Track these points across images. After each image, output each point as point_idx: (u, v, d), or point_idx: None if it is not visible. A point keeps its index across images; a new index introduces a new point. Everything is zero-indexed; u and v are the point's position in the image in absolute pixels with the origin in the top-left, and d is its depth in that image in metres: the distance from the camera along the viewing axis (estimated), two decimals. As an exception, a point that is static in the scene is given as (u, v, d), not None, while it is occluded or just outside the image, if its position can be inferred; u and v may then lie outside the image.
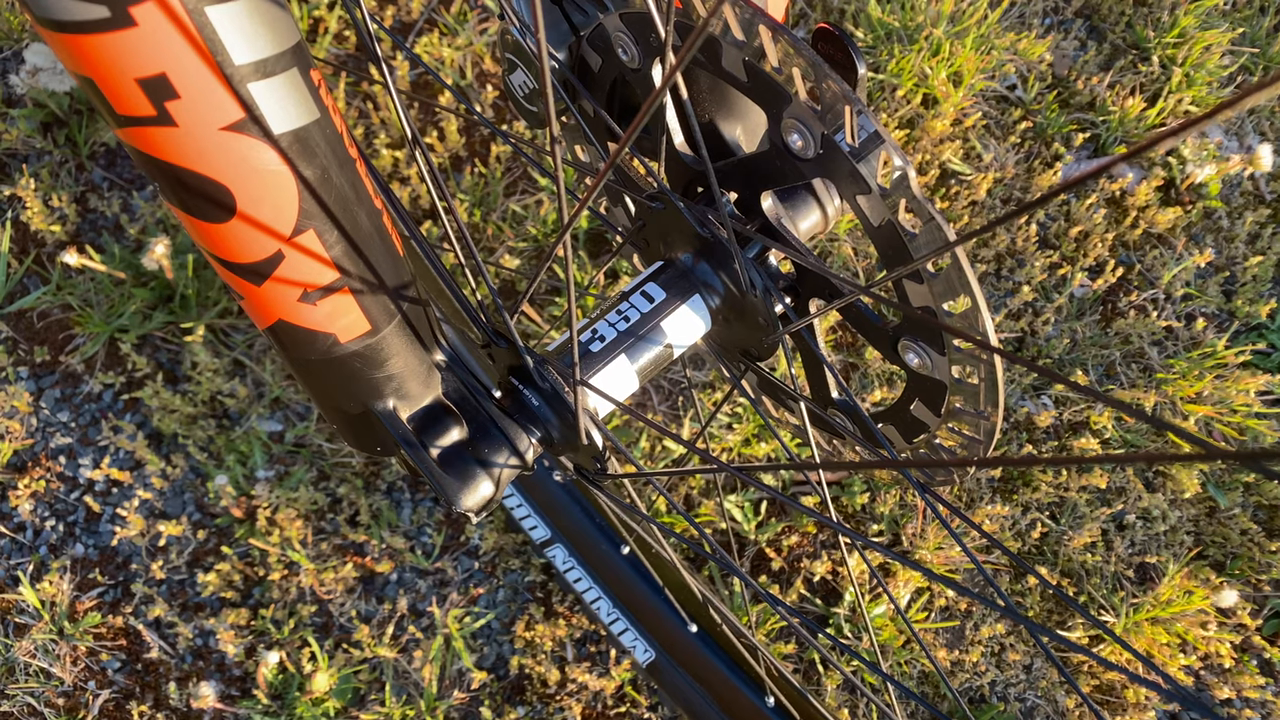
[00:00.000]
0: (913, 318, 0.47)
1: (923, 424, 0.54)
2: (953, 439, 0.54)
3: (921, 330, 0.48)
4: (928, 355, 0.49)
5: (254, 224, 0.38)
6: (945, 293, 0.46)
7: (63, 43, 0.32)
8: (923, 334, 0.48)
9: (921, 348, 0.49)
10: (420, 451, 0.48)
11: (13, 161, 1.13)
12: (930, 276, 0.46)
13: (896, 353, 0.50)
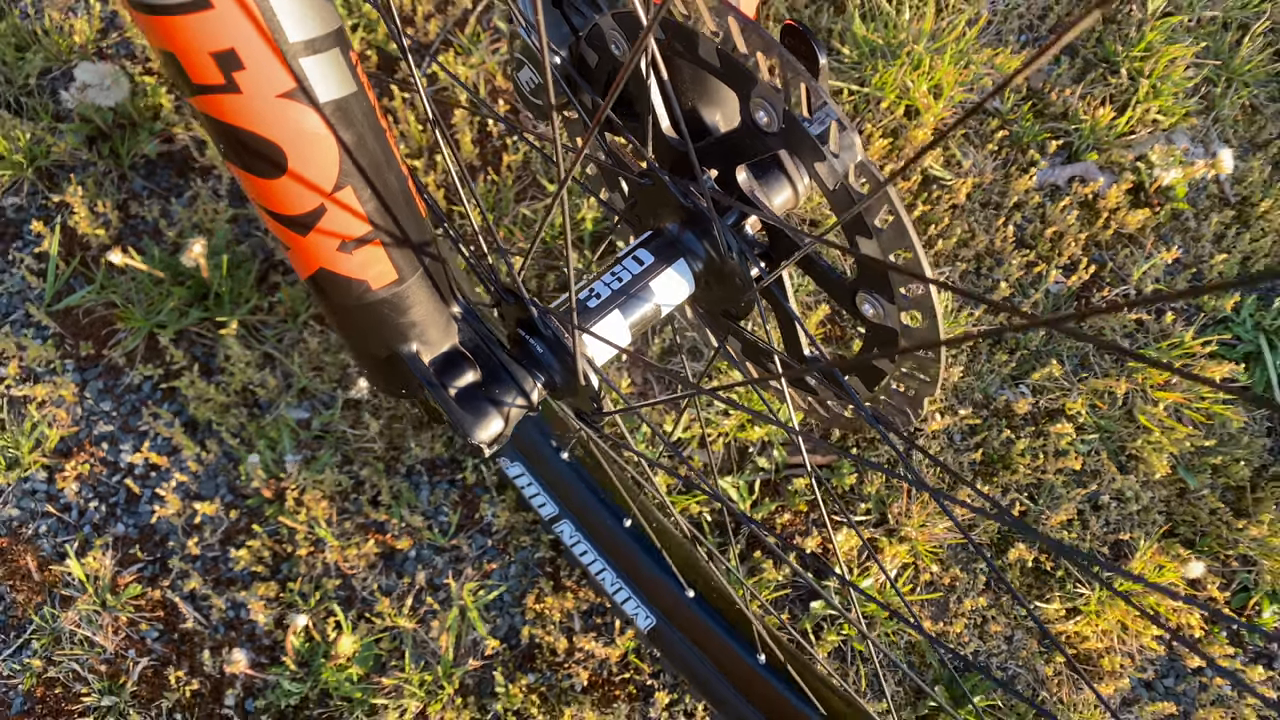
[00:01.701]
0: (859, 258, 0.53)
1: (880, 371, 0.60)
2: (904, 383, 0.60)
3: (875, 282, 0.54)
4: (881, 305, 0.55)
5: (301, 180, 0.45)
6: (891, 244, 0.52)
7: (152, 23, 0.39)
8: (876, 286, 0.55)
9: (875, 299, 0.55)
10: (440, 391, 0.54)
11: (60, 172, 1.21)
12: (877, 231, 0.52)
13: (855, 306, 0.57)
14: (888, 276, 0.53)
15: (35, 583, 1.08)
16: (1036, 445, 1.19)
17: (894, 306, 0.54)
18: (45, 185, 1.21)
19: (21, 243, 1.18)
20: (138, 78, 1.22)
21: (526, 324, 0.56)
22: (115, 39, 1.26)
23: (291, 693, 1.05)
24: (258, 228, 1.21)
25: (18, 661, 1.05)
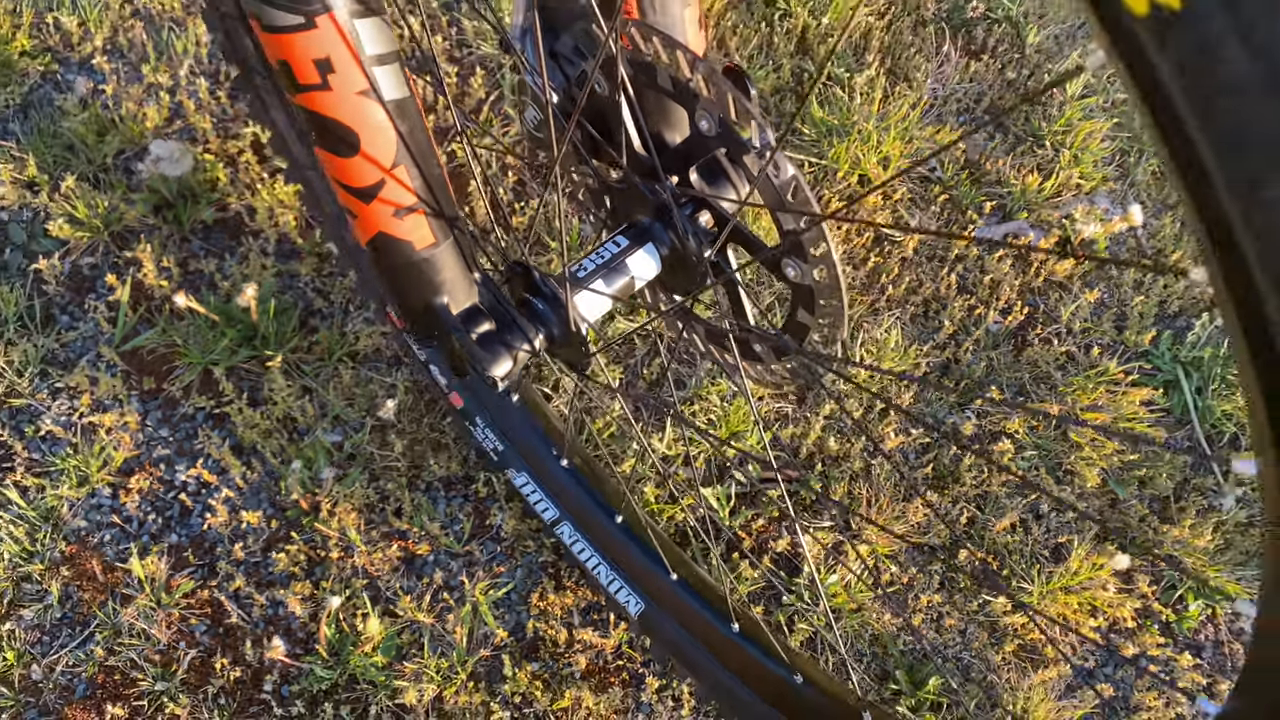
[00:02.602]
0: (771, 206, 0.69)
1: (805, 326, 0.76)
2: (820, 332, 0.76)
3: (794, 250, 0.71)
4: (799, 266, 0.71)
5: (369, 159, 0.61)
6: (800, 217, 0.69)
7: (274, 40, 0.57)
8: (795, 253, 0.71)
9: (795, 261, 0.71)
10: (464, 334, 0.70)
11: (130, 235, 1.39)
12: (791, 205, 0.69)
13: (781, 271, 0.73)
14: (803, 245, 0.69)
15: (99, 584, 1.22)
16: (981, 461, 1.34)
17: (809, 266, 0.71)
18: (117, 246, 1.39)
19: (95, 294, 1.36)
20: (199, 156, 1.42)
21: (531, 288, 0.73)
22: (179, 125, 1.46)
23: (323, 678, 1.18)
24: (299, 281, 1.38)
25: (83, 651, 1.18)
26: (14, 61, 1.47)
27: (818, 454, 1.34)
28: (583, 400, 1.35)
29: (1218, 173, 0.30)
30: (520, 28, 0.79)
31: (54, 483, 1.25)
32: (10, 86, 1.45)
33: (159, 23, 1.53)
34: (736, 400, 1.33)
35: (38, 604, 1.20)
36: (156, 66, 1.47)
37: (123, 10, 1.53)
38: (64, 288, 1.36)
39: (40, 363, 1.31)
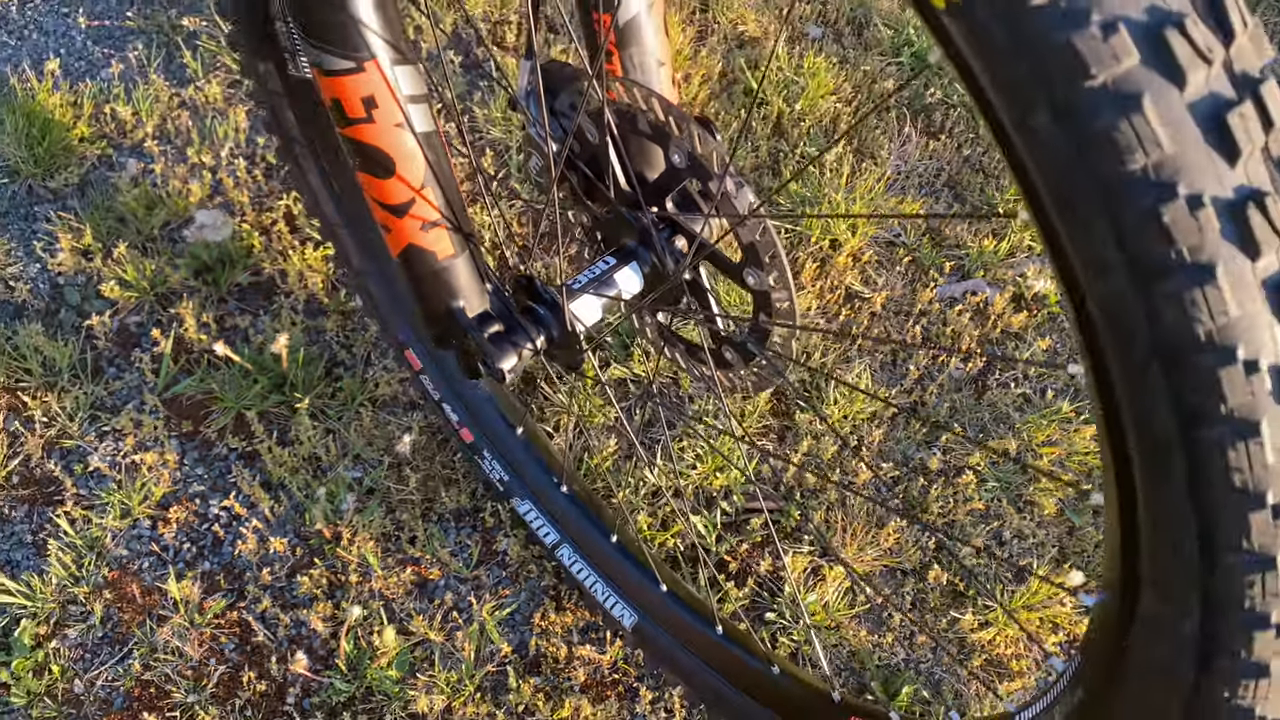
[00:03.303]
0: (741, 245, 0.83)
1: (766, 330, 0.89)
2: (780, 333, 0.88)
3: (753, 260, 0.84)
4: (758, 274, 0.84)
5: (402, 180, 0.75)
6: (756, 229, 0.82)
7: (330, 82, 0.71)
8: (754, 263, 0.84)
9: (754, 271, 0.84)
10: (478, 333, 0.83)
11: (173, 296, 1.54)
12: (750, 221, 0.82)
13: (744, 279, 0.86)
14: (759, 255, 0.83)
15: (138, 606, 1.32)
16: (948, 493, 1.45)
17: (764, 274, 0.84)
18: (161, 306, 1.53)
19: (140, 348, 1.49)
20: (237, 226, 1.57)
21: (534, 297, 0.86)
22: (220, 200, 1.61)
23: (342, 691, 1.27)
24: (325, 335, 1.52)
25: (121, 667, 1.27)
26: (74, 146, 1.63)
27: (797, 486, 1.45)
28: (581, 439, 1.47)
29: (1006, 117, 0.43)
30: (525, 90, 0.94)
31: (99, 515, 1.36)
32: (70, 167, 1.62)
33: (203, 112, 1.70)
34: (722, 436, 1.45)
35: (81, 624, 1.29)
36: (200, 149, 1.63)
37: (171, 101, 1.71)
38: (112, 343, 1.50)
39: (89, 408, 1.44)
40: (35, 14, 1.81)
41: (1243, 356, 0.42)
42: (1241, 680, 0.51)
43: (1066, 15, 0.39)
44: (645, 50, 0.85)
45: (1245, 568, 0.47)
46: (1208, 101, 0.39)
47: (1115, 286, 0.43)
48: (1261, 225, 0.40)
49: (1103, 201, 0.41)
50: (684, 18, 1.92)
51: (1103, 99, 0.39)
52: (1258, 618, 0.48)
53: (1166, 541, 0.49)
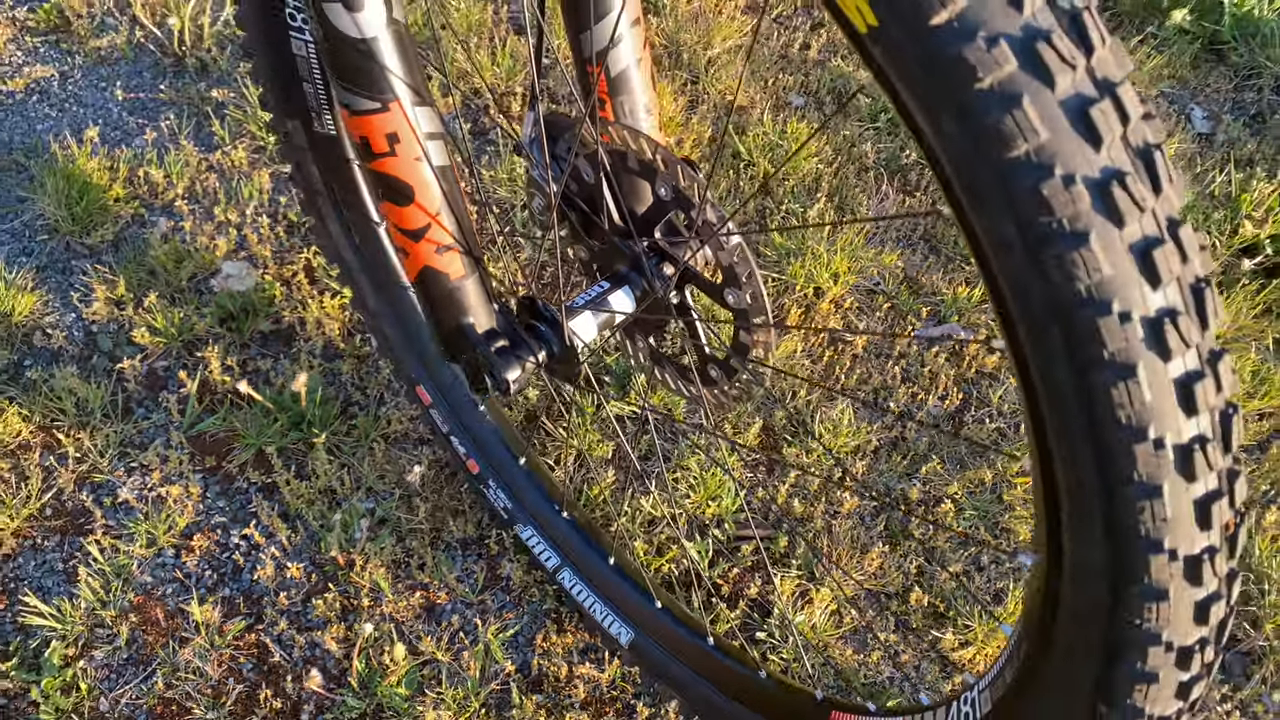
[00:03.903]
0: (721, 266, 0.92)
1: (746, 345, 0.97)
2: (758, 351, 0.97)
3: (731, 281, 0.92)
4: (736, 294, 0.93)
5: (420, 208, 0.84)
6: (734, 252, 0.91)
7: (357, 121, 0.81)
8: (732, 283, 0.93)
9: (733, 290, 0.93)
10: (485, 347, 0.91)
11: (199, 342, 1.63)
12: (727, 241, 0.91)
13: (724, 298, 0.94)
14: (735, 274, 0.91)
15: (162, 628, 1.38)
16: (928, 520, 1.52)
17: (742, 292, 0.92)
18: (187, 351, 1.62)
19: (168, 390, 1.57)
20: (260, 278, 1.67)
21: (536, 316, 0.95)
22: (244, 254, 1.71)
23: (354, 708, 1.32)
24: (341, 377, 1.60)
25: (145, 686, 1.33)
26: (110, 206, 1.74)
27: (785, 515, 1.52)
28: (581, 471, 1.54)
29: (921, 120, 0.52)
30: (529, 138, 1.04)
31: (126, 543, 1.43)
32: (106, 225, 1.72)
33: (230, 175, 1.81)
34: (714, 469, 1.53)
35: (108, 645, 1.35)
36: (226, 208, 1.74)
37: (200, 165, 1.82)
38: (141, 385, 1.58)
39: (119, 445, 1.52)
40: (75, 88, 1.94)
41: (1117, 309, 0.50)
42: (1144, 604, 0.58)
43: (959, 33, 0.48)
44: (634, 98, 0.95)
45: (1137, 496, 0.54)
46: (1074, 99, 0.49)
47: (1015, 258, 0.52)
48: (1124, 198, 0.49)
49: (997, 184, 0.50)
50: (676, 88, 2.05)
51: (990, 99, 0.48)
52: (1152, 543, 0.56)
53: (1075, 481, 0.57)
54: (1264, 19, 2.17)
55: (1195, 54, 2.19)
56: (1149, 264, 0.50)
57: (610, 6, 0.91)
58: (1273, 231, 1.81)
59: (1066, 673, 0.68)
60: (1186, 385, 0.52)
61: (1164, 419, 0.53)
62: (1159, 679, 0.62)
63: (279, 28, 1.13)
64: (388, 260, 1.37)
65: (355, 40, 0.77)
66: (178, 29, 1.95)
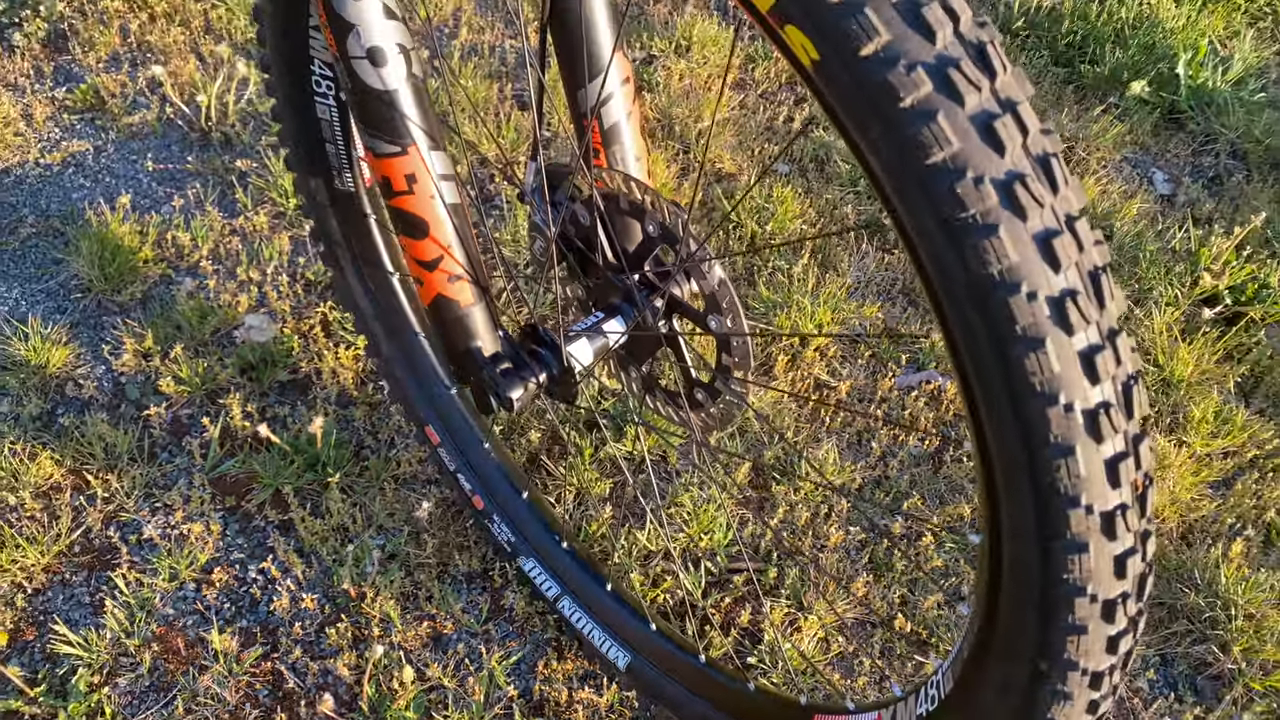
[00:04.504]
0: (704, 292, 1.00)
1: (728, 367, 1.05)
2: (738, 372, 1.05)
3: (714, 308, 1.01)
4: (719, 320, 1.02)
5: (434, 240, 0.93)
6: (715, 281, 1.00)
7: (380, 163, 0.90)
8: (715, 310, 1.01)
9: (716, 317, 1.02)
10: (491, 369, 0.99)
11: (221, 391, 1.71)
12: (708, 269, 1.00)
13: (707, 324, 1.03)
14: (717, 301, 1.00)
15: (182, 657, 1.44)
16: (910, 554, 1.59)
17: (723, 318, 1.01)
18: (210, 400, 1.70)
19: (190, 435, 1.66)
20: (278, 331, 1.76)
21: (537, 341, 1.03)
22: (264, 310, 1.81)
23: (364, 731, 1.38)
24: (354, 423, 1.69)
25: (166, 711, 1.38)
26: (139, 267, 1.85)
27: (774, 548, 1.59)
28: (581, 509, 1.61)
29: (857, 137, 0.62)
30: (531, 186, 1.14)
31: (150, 577, 1.49)
32: (135, 284, 1.82)
33: (252, 238, 1.92)
34: (706, 505, 1.60)
35: (131, 673, 1.41)
36: (248, 268, 1.85)
37: (224, 230, 1.93)
38: (166, 431, 1.66)
39: (145, 487, 1.59)
40: (108, 161, 2.06)
41: (1025, 290, 0.59)
42: (1068, 558, 0.66)
43: (884, 61, 0.58)
44: (626, 148, 1.06)
45: (1054, 456, 0.62)
46: (981, 115, 0.58)
47: (939, 249, 0.61)
48: (1025, 196, 0.58)
49: (920, 186, 0.59)
50: (669, 157, 2.17)
51: (911, 115, 0.58)
52: (1070, 500, 0.64)
53: (1003, 447, 0.65)
54: (1218, 90, 2.30)
55: (1155, 122, 2.31)
56: (1050, 251, 0.59)
57: (602, 67, 1.01)
58: (1230, 283, 1.91)
59: (1011, 636, 0.75)
60: (1089, 357, 0.61)
61: (1072, 386, 0.61)
62: (1088, 631, 0.69)
63: (306, 94, 1.25)
64: (400, 308, 1.47)
65: (379, 91, 0.87)
66: (205, 105, 2.08)
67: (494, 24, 2.42)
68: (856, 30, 0.58)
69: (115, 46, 2.25)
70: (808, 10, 0.59)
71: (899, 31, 0.58)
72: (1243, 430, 1.74)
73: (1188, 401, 1.78)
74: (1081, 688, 0.73)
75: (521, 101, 2.25)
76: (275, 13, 1.16)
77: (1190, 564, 1.59)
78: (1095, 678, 0.73)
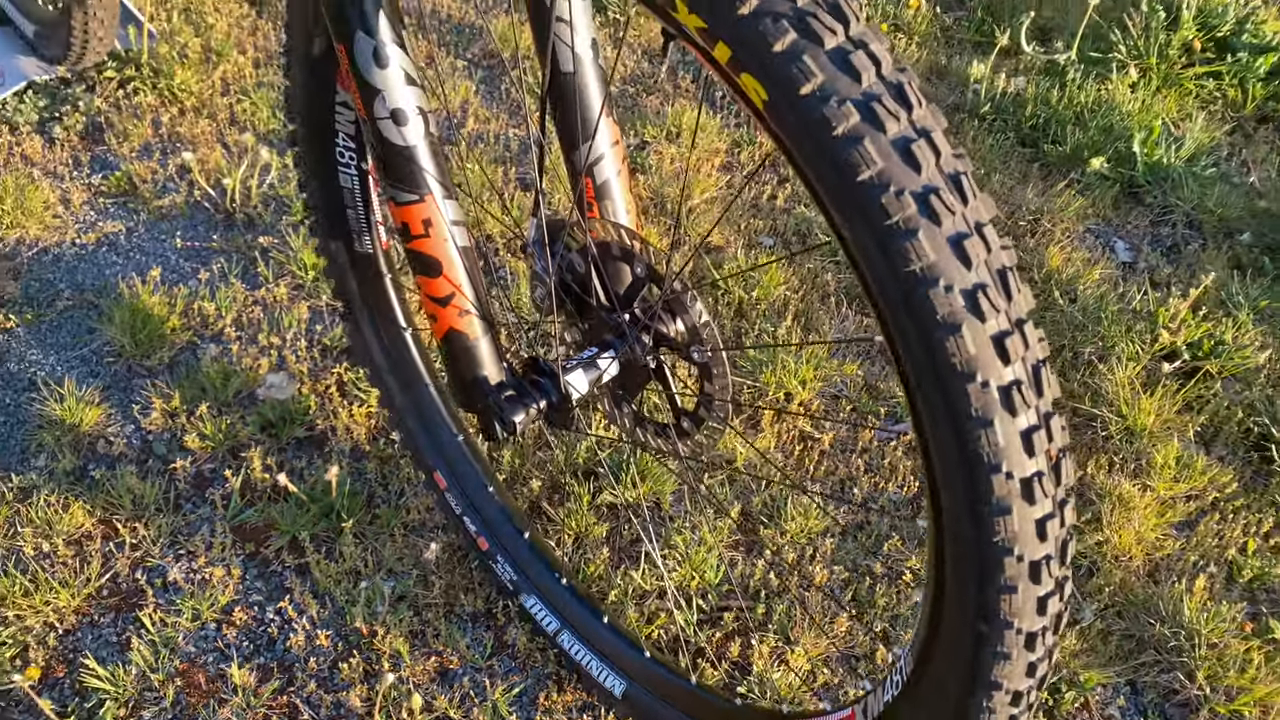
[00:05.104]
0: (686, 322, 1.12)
1: (710, 395, 1.16)
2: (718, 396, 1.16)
3: (697, 341, 1.12)
4: (701, 352, 1.13)
5: (448, 279, 1.05)
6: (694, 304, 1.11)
7: (400, 210, 1.02)
8: (698, 342, 1.12)
9: (699, 349, 1.13)
10: (496, 396, 1.10)
11: (243, 446, 1.81)
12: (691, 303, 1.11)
13: (693, 358, 1.14)
14: (700, 334, 1.11)
15: (204, 691, 1.51)
16: (891, 591, 1.66)
17: (704, 347, 1.12)
18: (232, 455, 1.80)
19: (213, 487, 1.75)
20: (296, 390, 1.87)
21: (538, 372, 1.14)
22: (283, 373, 1.92)
23: (374, 759, 1.44)
24: (367, 474, 1.78)
25: (186, 742, 1.45)
26: (167, 334, 1.97)
27: (762, 588, 1.67)
28: (579, 552, 1.70)
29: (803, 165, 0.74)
30: (533, 239, 1.27)
31: (174, 617, 1.57)
32: (164, 350, 1.94)
33: (272, 308, 2.05)
34: (698, 548, 1.68)
35: (155, 707, 1.48)
36: (269, 334, 1.97)
37: (246, 300, 2.06)
38: (190, 484, 1.76)
39: (170, 534, 1.68)
40: (139, 240, 2.20)
41: (943, 284, 0.71)
42: (995, 519, 0.76)
43: (820, 98, 0.70)
44: (616, 202, 1.18)
45: (976, 427, 0.73)
46: (901, 140, 0.70)
47: (872, 252, 0.72)
48: (939, 205, 0.70)
49: (853, 199, 0.71)
50: (661, 231, 2.31)
51: (842, 141, 0.70)
52: (993, 466, 0.74)
53: (935, 423, 0.75)
54: (1172, 166, 2.46)
55: (1116, 196, 2.46)
56: (962, 251, 0.71)
57: (593, 132, 1.15)
58: (1187, 339, 2.02)
59: (955, 607, 0.84)
60: (1000, 340, 0.72)
61: (987, 366, 0.72)
62: (1018, 591, 0.79)
63: (330, 165, 1.38)
64: (412, 361, 1.58)
65: (401, 147, 1.00)
66: (230, 189, 2.23)
67: (498, 114, 2.59)
68: (797, 74, 0.70)
69: (147, 137, 2.42)
70: (758, 60, 0.72)
71: (831, 74, 0.70)
72: (1203, 475, 1.84)
73: (1151, 449, 1.88)
74: (1018, 648, 0.82)
75: (524, 183, 2.40)
76: (305, 92, 1.30)
77: (1156, 598, 1.67)
78: (1029, 638, 0.82)
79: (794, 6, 0.71)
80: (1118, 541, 1.74)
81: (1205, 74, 2.78)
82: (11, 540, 1.64)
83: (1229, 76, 2.77)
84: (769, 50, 0.71)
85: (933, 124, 0.72)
